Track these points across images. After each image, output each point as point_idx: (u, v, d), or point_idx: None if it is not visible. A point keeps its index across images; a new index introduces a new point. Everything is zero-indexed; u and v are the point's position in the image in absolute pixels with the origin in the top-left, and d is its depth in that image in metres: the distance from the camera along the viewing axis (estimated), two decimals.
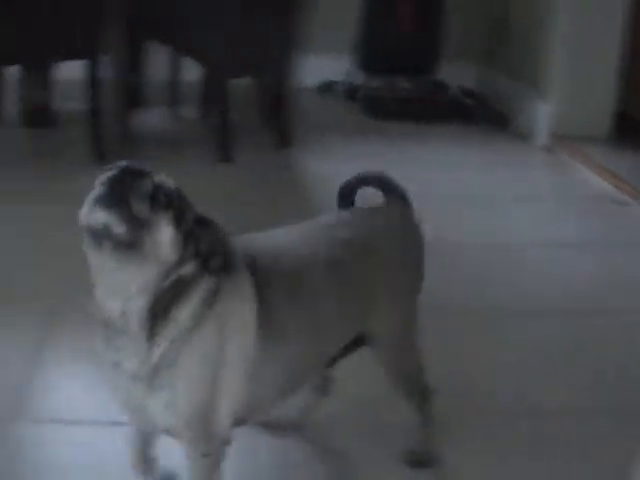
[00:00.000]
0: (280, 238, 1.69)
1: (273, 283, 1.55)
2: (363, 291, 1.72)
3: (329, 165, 3.97)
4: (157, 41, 4.39)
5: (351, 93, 5.32)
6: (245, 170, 3.89)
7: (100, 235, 1.34)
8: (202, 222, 1.45)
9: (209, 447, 1.54)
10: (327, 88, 5.44)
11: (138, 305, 1.39)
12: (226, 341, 1.47)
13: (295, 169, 4.00)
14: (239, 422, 1.57)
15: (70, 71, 4.05)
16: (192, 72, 4.58)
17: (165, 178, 1.41)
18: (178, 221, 1.38)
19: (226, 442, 1.55)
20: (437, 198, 3.73)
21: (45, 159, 3.96)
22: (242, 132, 4.11)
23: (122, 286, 1.39)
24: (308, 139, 4.31)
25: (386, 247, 1.77)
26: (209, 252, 1.43)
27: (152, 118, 4.66)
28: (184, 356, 1.44)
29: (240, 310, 1.50)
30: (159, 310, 1.41)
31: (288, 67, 4.17)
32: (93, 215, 1.34)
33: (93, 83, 3.86)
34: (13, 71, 4.29)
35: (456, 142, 4.66)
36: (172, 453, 1.63)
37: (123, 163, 1.40)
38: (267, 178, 3.85)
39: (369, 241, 1.75)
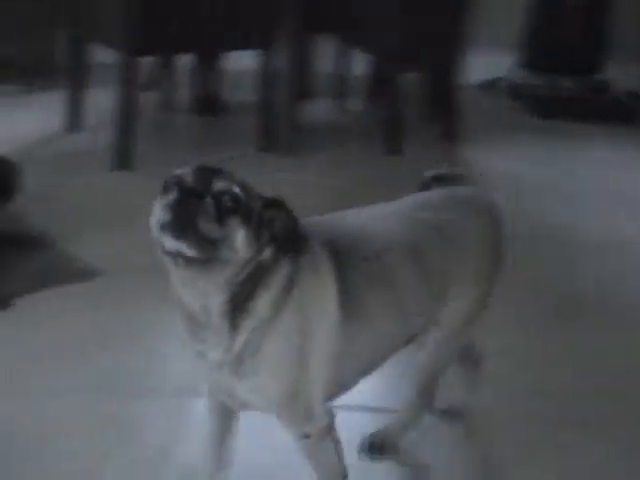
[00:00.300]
0: (362, 219, 1.67)
1: (353, 264, 1.54)
2: (441, 274, 1.69)
3: (494, 160, 3.96)
4: (327, 33, 4.44)
5: (513, 91, 5.28)
6: (413, 163, 3.87)
7: (174, 255, 1.32)
8: (271, 204, 1.42)
9: (308, 429, 1.55)
10: (489, 85, 5.41)
11: (217, 301, 1.40)
12: (308, 324, 1.47)
13: (463, 163, 3.99)
14: (326, 400, 1.57)
15: (239, 61, 4.14)
16: (358, 65, 4.63)
17: (225, 181, 1.35)
18: (248, 219, 1.36)
19: (325, 423, 1.56)
20: (597, 199, 3.69)
21: (212, 147, 4.03)
22: (408, 125, 4.12)
23: (201, 289, 1.39)
24: (472, 135, 4.30)
25: (469, 233, 1.74)
26: (283, 235, 1.42)
27: (318, 110, 4.72)
28: (267, 343, 1.44)
29: (320, 292, 1.49)
30: (238, 302, 1.41)
31: (457, 62, 4.17)
32: (163, 239, 1.31)
33: (265, 74, 3.93)
34: (186, 60, 4.41)
35: (618, 144, 4.56)
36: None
37: (182, 179, 1.34)
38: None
39: (452, 226, 1.72)
